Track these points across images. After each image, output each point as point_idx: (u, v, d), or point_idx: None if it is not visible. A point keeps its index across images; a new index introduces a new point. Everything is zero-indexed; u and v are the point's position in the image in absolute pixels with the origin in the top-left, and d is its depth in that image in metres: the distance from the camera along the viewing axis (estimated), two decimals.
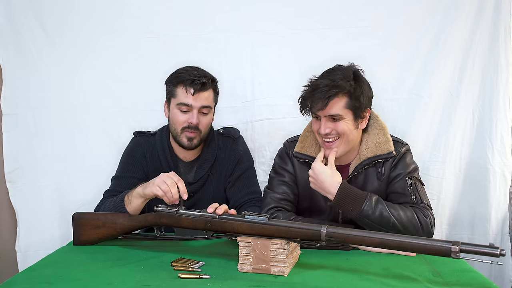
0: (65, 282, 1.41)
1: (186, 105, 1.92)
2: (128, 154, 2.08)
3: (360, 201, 1.70)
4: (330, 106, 1.75)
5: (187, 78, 1.92)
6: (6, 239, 2.43)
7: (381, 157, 1.82)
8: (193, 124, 1.92)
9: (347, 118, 1.77)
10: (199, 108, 1.93)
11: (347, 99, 1.76)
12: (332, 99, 1.74)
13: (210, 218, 1.59)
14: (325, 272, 1.48)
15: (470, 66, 2.30)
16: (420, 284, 1.37)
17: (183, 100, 1.92)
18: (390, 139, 1.85)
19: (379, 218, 1.68)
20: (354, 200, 1.71)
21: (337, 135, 1.78)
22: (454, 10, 2.28)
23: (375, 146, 1.84)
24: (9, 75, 2.34)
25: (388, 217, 1.68)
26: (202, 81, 1.91)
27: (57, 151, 2.36)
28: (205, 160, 2.04)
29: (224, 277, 1.43)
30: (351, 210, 1.70)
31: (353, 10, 2.31)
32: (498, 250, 1.26)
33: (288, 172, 1.93)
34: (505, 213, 2.34)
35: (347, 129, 1.77)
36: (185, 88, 1.92)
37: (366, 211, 1.69)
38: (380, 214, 1.69)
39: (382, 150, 1.83)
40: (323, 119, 1.78)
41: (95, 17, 2.34)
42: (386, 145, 1.84)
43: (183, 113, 1.94)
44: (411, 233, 1.66)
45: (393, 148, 1.83)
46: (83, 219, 1.78)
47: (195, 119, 1.92)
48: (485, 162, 2.32)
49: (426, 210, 1.75)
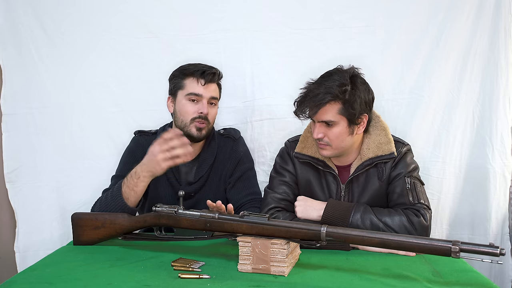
0: (65, 282, 1.41)
1: (197, 95, 1.94)
2: (129, 153, 2.09)
3: (347, 214, 1.72)
4: (322, 112, 1.75)
5: (197, 70, 1.96)
6: (6, 240, 2.42)
7: (382, 157, 1.83)
8: (204, 114, 1.95)
9: (341, 124, 1.76)
10: (208, 99, 1.96)
11: (341, 106, 1.75)
12: (323, 106, 1.74)
13: (210, 218, 1.59)
14: (325, 272, 1.48)
15: (470, 66, 2.30)
16: (420, 284, 1.37)
17: (194, 90, 1.94)
18: (392, 140, 1.85)
19: (370, 227, 1.70)
20: (341, 214, 1.73)
21: (327, 142, 1.79)
22: (454, 10, 2.28)
23: (377, 146, 1.84)
24: (9, 75, 2.33)
25: (377, 223, 1.70)
26: (212, 71, 1.97)
27: (57, 151, 2.36)
28: (205, 160, 2.05)
29: (224, 277, 1.43)
30: (340, 224, 1.71)
31: (353, 10, 2.31)
32: (498, 249, 1.26)
33: (289, 172, 1.93)
34: (505, 213, 2.34)
35: (340, 136, 1.78)
36: (196, 79, 1.95)
37: (354, 222, 1.71)
38: (370, 223, 1.70)
39: (384, 150, 1.83)
40: (316, 123, 1.79)
41: (95, 17, 2.33)
42: (387, 145, 1.84)
43: (193, 104, 1.95)
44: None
45: (394, 149, 1.83)
46: (82, 220, 1.78)
47: (206, 109, 1.95)
48: (485, 162, 2.32)
49: (422, 209, 1.74)
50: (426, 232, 1.73)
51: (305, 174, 1.91)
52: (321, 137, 1.78)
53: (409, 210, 1.75)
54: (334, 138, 1.78)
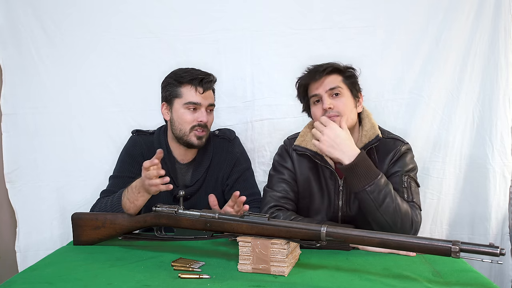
0: (65, 282, 1.41)
1: (196, 103, 1.94)
2: (126, 153, 2.08)
3: (374, 175, 1.69)
4: (328, 80, 1.82)
5: (194, 78, 1.94)
6: (6, 239, 2.43)
7: (370, 144, 1.83)
8: (203, 122, 1.94)
9: (346, 94, 1.82)
10: (206, 107, 1.96)
11: (343, 78, 1.84)
12: (328, 74, 1.82)
13: (210, 218, 1.59)
14: (325, 272, 1.48)
15: (470, 66, 2.30)
16: (420, 284, 1.37)
17: (193, 99, 1.93)
18: (375, 124, 1.87)
19: (382, 199, 1.67)
20: (369, 170, 1.70)
21: (338, 112, 1.80)
22: (454, 10, 2.28)
23: (364, 135, 1.86)
24: (9, 75, 2.33)
25: (391, 202, 1.68)
26: (210, 79, 1.97)
27: (57, 151, 2.36)
28: (201, 162, 2.04)
29: (224, 277, 1.43)
30: (361, 178, 1.68)
31: (353, 11, 2.31)
32: (498, 249, 1.26)
33: (288, 170, 1.93)
34: (505, 213, 2.34)
35: (348, 104, 1.82)
36: (195, 87, 1.94)
37: (376, 185, 1.67)
38: (384, 196, 1.67)
39: (370, 137, 1.85)
40: (324, 95, 1.82)
41: (95, 17, 2.34)
42: (371, 130, 1.86)
43: (191, 112, 1.95)
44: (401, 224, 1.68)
45: (379, 131, 1.85)
46: (82, 220, 1.78)
47: (205, 117, 1.95)
48: (485, 162, 2.32)
49: (414, 208, 1.75)
50: (417, 229, 1.73)
51: (303, 170, 1.91)
52: (331, 107, 1.80)
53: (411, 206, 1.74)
54: (343, 107, 1.81)
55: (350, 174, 1.71)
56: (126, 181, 1.92)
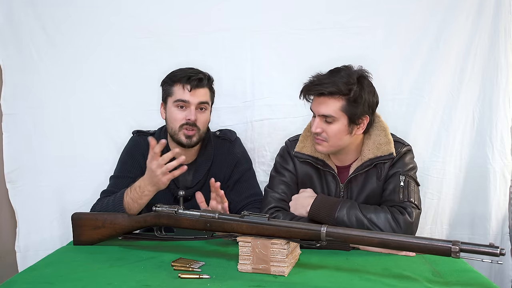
0: (65, 282, 1.41)
1: (184, 101, 1.93)
2: (127, 153, 2.08)
3: (333, 209, 1.75)
4: (324, 106, 1.76)
5: (183, 76, 1.94)
6: (6, 239, 2.42)
7: (381, 158, 1.83)
8: (191, 120, 1.92)
9: (340, 122, 1.76)
10: (196, 105, 1.94)
11: (344, 103, 1.75)
12: (326, 96, 1.75)
13: (210, 218, 1.59)
14: (325, 272, 1.48)
15: (470, 66, 2.30)
16: (420, 284, 1.37)
17: (181, 96, 1.93)
18: (391, 140, 1.85)
19: (355, 222, 1.72)
20: (327, 209, 1.76)
21: (325, 138, 1.79)
22: (454, 10, 2.28)
23: (376, 147, 1.84)
24: (9, 75, 2.33)
25: (362, 219, 1.72)
26: (198, 77, 1.94)
27: (57, 151, 2.36)
28: (202, 164, 2.04)
29: (224, 277, 1.43)
30: (326, 219, 1.74)
31: (353, 10, 2.31)
32: (498, 249, 1.26)
33: (289, 172, 1.93)
34: (505, 213, 2.34)
35: (338, 133, 1.78)
36: (182, 85, 1.93)
37: (340, 218, 1.73)
38: (355, 219, 1.72)
39: (383, 151, 1.83)
40: (317, 117, 1.79)
41: (95, 17, 2.33)
42: (386, 146, 1.84)
43: (180, 110, 1.94)
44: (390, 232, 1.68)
45: (393, 150, 1.83)
46: (82, 220, 1.78)
47: (193, 116, 1.93)
48: (485, 162, 2.31)
49: (410, 207, 1.75)
50: (411, 229, 1.73)
51: (305, 173, 1.91)
52: (319, 132, 1.78)
53: (395, 208, 1.75)
54: (332, 135, 1.78)
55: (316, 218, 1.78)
56: (127, 181, 1.93)
